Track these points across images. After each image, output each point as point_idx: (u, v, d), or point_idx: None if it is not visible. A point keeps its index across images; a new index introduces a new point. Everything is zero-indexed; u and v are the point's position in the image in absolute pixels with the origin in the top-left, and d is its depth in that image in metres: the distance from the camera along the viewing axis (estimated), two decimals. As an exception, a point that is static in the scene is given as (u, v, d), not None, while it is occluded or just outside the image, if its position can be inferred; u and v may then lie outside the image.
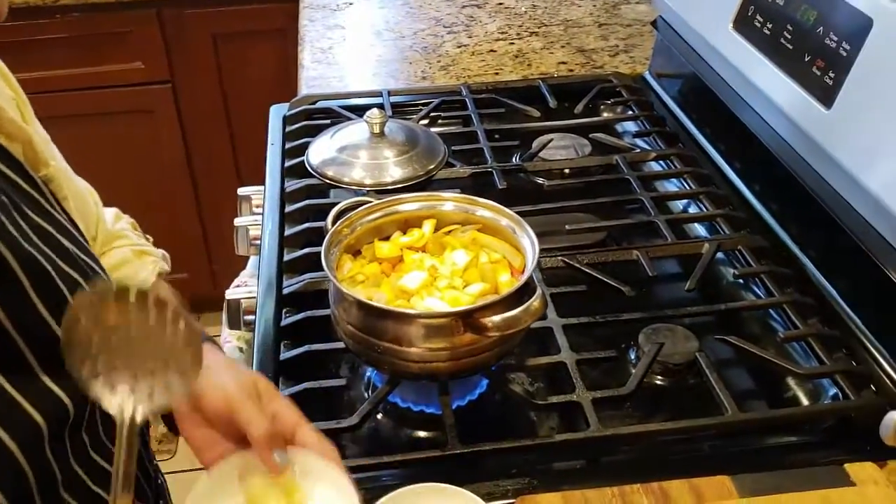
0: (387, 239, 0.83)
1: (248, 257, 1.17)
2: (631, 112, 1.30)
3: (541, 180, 1.15)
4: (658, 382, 0.85)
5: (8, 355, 0.58)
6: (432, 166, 1.09)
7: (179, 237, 2.26)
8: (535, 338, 0.86)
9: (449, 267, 0.78)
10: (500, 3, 1.76)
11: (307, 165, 1.11)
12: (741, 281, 0.97)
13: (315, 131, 1.18)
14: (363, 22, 1.70)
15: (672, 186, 1.15)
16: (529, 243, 0.77)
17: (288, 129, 1.24)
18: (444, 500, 0.65)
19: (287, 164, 1.15)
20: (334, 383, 0.81)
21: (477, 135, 1.22)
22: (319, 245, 0.78)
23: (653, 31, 1.41)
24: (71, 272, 0.64)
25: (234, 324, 1.02)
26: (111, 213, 0.86)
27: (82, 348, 0.54)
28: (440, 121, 1.30)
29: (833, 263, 0.92)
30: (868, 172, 0.81)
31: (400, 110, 1.30)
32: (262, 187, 1.16)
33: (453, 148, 1.17)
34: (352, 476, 0.61)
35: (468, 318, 0.70)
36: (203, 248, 2.32)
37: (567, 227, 1.01)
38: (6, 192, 0.61)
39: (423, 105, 1.30)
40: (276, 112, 1.31)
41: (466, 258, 0.79)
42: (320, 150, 1.11)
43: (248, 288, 1.04)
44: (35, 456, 0.58)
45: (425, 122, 1.27)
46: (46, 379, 0.60)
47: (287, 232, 1.02)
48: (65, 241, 0.65)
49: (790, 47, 0.95)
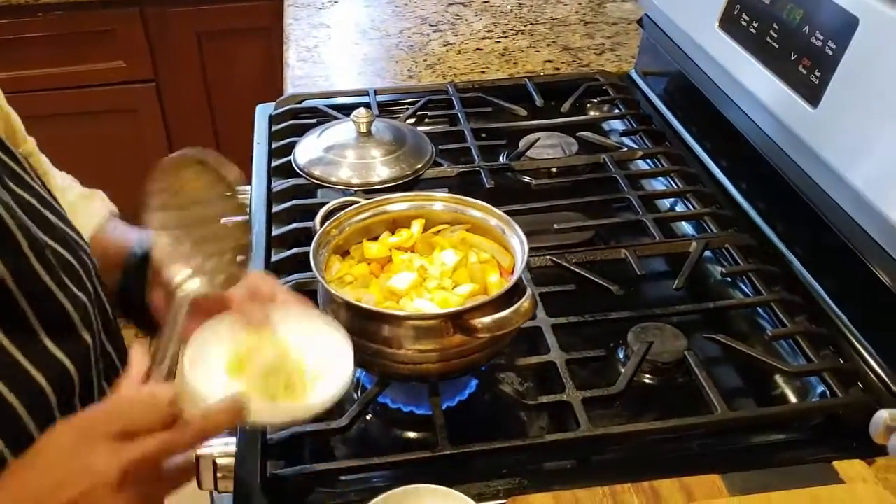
0: (375, 239, 0.82)
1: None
2: (617, 110, 1.30)
3: (528, 179, 1.14)
4: (647, 381, 0.85)
5: (11, 315, 0.58)
6: (420, 165, 1.09)
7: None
8: (525, 337, 0.86)
9: (438, 267, 0.78)
10: (486, 2, 1.76)
11: (294, 165, 1.10)
12: (728, 279, 0.97)
13: (301, 131, 1.18)
14: (348, 20, 1.69)
15: (659, 185, 1.15)
16: (518, 243, 0.77)
17: (274, 128, 1.24)
18: (435, 501, 0.65)
19: (273, 163, 1.15)
20: (323, 385, 0.81)
21: (464, 134, 1.21)
22: (307, 245, 0.78)
23: (638, 30, 1.41)
24: (54, 245, 0.64)
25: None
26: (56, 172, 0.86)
27: (160, 214, 0.58)
28: (427, 120, 1.30)
29: (819, 261, 0.92)
30: (854, 170, 0.81)
31: (386, 109, 1.30)
32: (248, 187, 1.15)
33: (440, 147, 1.16)
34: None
35: (458, 320, 0.70)
36: (188, 249, 2.31)
37: (555, 226, 1.01)
38: None
39: (410, 104, 1.30)
40: (262, 111, 1.30)
41: (455, 258, 0.79)
42: (307, 150, 1.11)
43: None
44: (43, 421, 0.57)
45: (412, 121, 1.27)
46: (49, 343, 0.59)
47: (274, 232, 1.02)
48: (48, 213, 0.66)
49: (776, 46, 0.95)
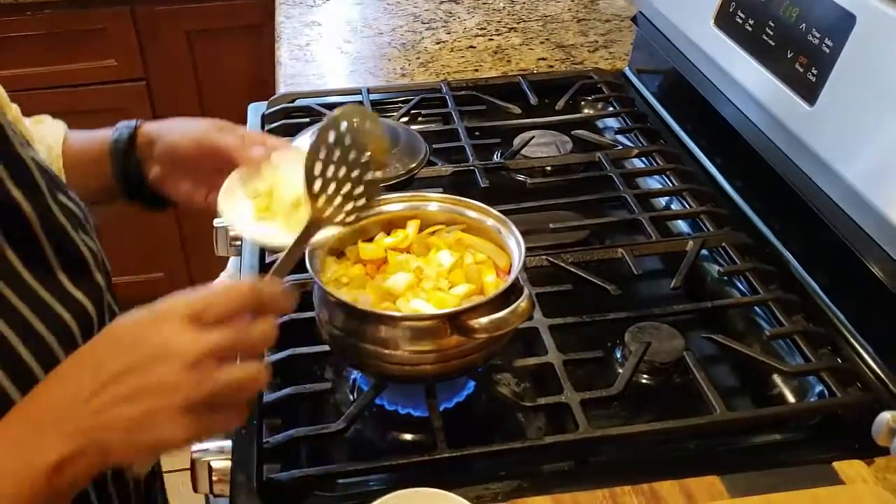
0: (370, 240, 0.82)
1: (227, 258, 1.15)
2: (612, 108, 1.29)
3: (523, 178, 1.14)
4: (644, 381, 0.84)
5: (35, 256, 0.61)
6: (414, 165, 1.08)
7: (156, 237, 2.23)
8: (521, 338, 0.85)
9: (434, 268, 0.77)
10: (479, -1, 1.75)
11: (287, 165, 1.09)
12: (725, 278, 0.97)
13: (294, 130, 1.17)
14: (340, 18, 1.68)
15: (655, 183, 1.14)
16: (515, 243, 0.76)
17: (267, 127, 1.23)
18: (434, 505, 0.64)
19: (266, 163, 1.14)
20: (319, 387, 0.80)
21: (458, 132, 1.20)
22: (302, 247, 0.77)
23: (632, 27, 1.40)
24: (59, 195, 0.65)
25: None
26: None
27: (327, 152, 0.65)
28: (420, 118, 1.29)
29: (816, 259, 0.92)
30: (851, 168, 0.81)
31: (379, 108, 1.29)
32: (240, 188, 1.14)
33: (434, 146, 1.15)
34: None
35: (455, 321, 0.69)
36: (180, 249, 2.30)
37: (551, 225, 1.01)
38: None
39: (403, 102, 1.29)
40: (255, 110, 1.29)
41: (451, 259, 0.78)
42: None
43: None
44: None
45: (405, 119, 1.26)
46: (68, 283, 0.62)
47: (268, 233, 1.01)
48: (46, 169, 0.67)
49: (772, 44, 0.94)
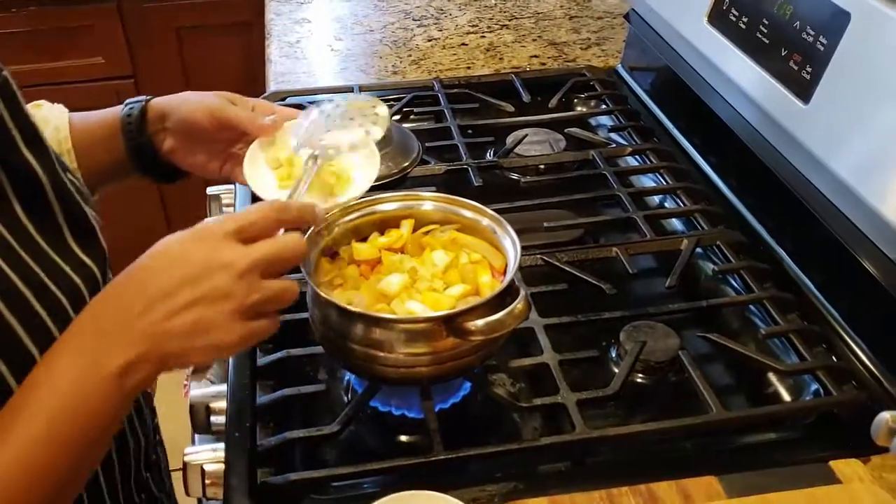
0: (364, 240, 0.81)
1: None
2: (605, 106, 1.29)
3: (516, 176, 1.13)
4: (640, 380, 0.84)
5: (47, 220, 0.62)
6: (407, 164, 1.07)
7: (145, 238, 2.20)
8: (516, 338, 0.85)
9: (429, 268, 0.77)
10: (470, -4, 1.74)
11: (279, 164, 1.08)
12: (719, 276, 0.97)
13: (286, 128, 1.16)
14: (331, 15, 1.67)
15: (649, 181, 1.14)
16: (511, 244, 0.76)
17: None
18: (430, 507, 0.64)
19: (258, 162, 1.13)
20: (313, 389, 0.79)
21: (450, 130, 1.20)
22: (295, 247, 0.76)
23: (624, 24, 1.40)
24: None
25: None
26: None
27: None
28: (412, 116, 1.28)
29: (810, 257, 0.91)
30: (845, 165, 0.81)
31: (371, 106, 1.28)
32: (232, 186, 1.13)
33: (427, 144, 1.15)
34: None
35: (451, 323, 0.68)
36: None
37: (545, 224, 1.00)
38: None
39: (395, 100, 1.28)
40: (245, 108, 1.28)
41: (446, 259, 0.77)
42: (292, 148, 1.09)
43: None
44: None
45: (397, 117, 1.25)
46: (77, 249, 0.64)
47: (260, 233, 1.00)
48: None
49: (766, 41, 0.94)
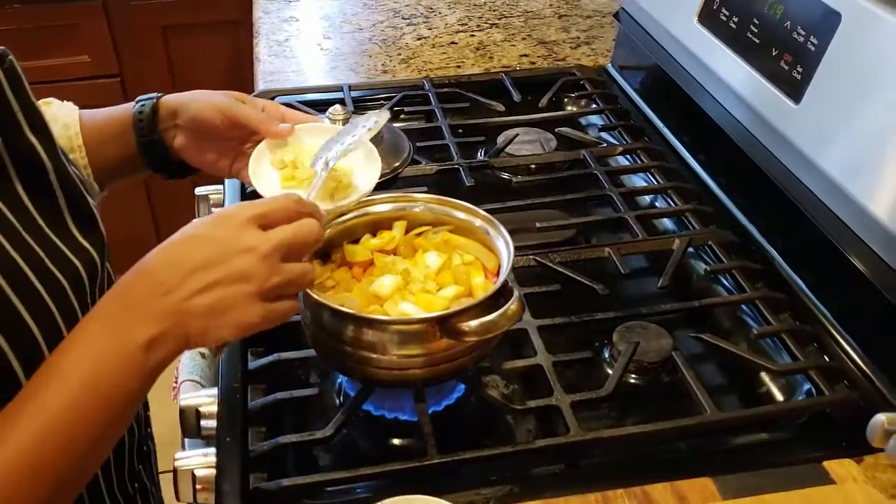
0: (356, 242, 0.80)
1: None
2: (595, 105, 1.29)
3: (507, 176, 1.13)
4: (633, 381, 0.84)
5: (50, 205, 0.63)
6: (398, 164, 1.07)
7: (132, 239, 2.18)
8: (509, 339, 0.85)
9: (422, 270, 0.76)
10: (459, -6, 1.74)
11: (268, 164, 1.07)
12: (711, 276, 0.97)
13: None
14: (319, 14, 1.66)
15: (640, 181, 1.14)
16: (504, 245, 0.75)
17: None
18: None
19: (247, 162, 1.12)
20: (305, 393, 0.78)
21: (441, 130, 1.19)
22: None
23: (613, 23, 1.40)
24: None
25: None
26: None
27: None
28: (402, 116, 1.27)
29: (801, 256, 0.92)
30: (835, 165, 0.81)
31: (361, 105, 1.27)
32: (220, 186, 1.12)
33: (417, 144, 1.14)
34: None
35: (445, 324, 0.68)
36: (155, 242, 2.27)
37: (537, 224, 1.00)
38: None
39: (385, 100, 1.27)
40: (234, 108, 1.27)
41: (439, 260, 0.77)
42: (282, 148, 1.08)
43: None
44: (81, 303, 0.63)
45: (387, 107, 1.24)
46: (78, 234, 0.65)
47: (250, 234, 0.99)
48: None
49: (757, 41, 0.94)
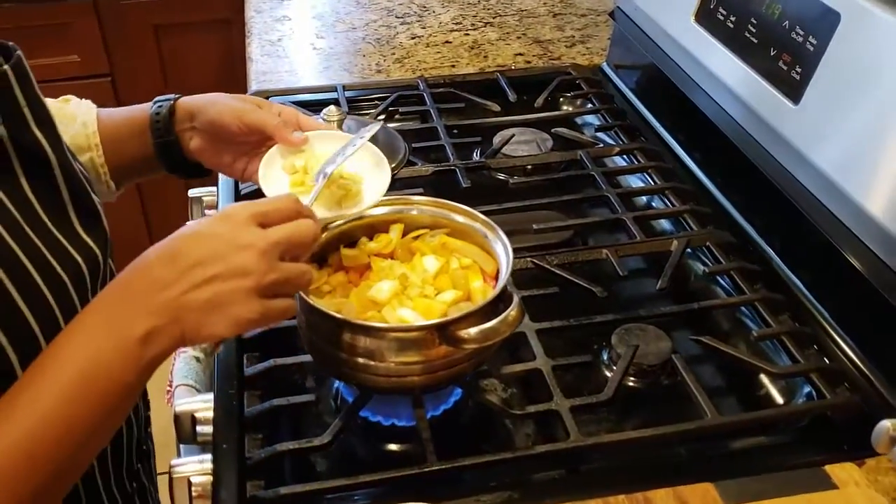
0: (353, 245, 0.79)
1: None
2: (591, 105, 1.28)
3: (504, 177, 1.12)
4: (632, 384, 0.83)
5: (54, 201, 0.63)
6: (393, 165, 1.05)
7: (123, 241, 2.17)
8: (508, 343, 0.83)
9: (419, 274, 0.75)
10: (453, -8, 1.73)
11: (263, 166, 1.06)
12: (710, 277, 0.96)
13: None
14: (311, 13, 1.65)
15: (636, 181, 1.14)
16: (503, 249, 0.75)
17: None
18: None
19: (241, 164, 1.10)
20: (302, 399, 0.78)
21: (437, 131, 1.18)
22: (282, 253, 0.74)
23: (608, 22, 1.39)
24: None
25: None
26: None
27: None
28: (397, 116, 1.26)
29: (799, 256, 0.91)
30: (834, 164, 0.80)
31: (355, 105, 1.26)
32: (213, 188, 1.11)
33: (413, 145, 1.13)
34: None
35: (444, 331, 0.67)
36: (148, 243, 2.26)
37: (535, 226, 0.99)
38: None
39: (380, 100, 1.26)
40: (227, 109, 1.26)
41: (437, 264, 0.76)
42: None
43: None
44: (82, 300, 0.62)
45: (382, 117, 1.23)
46: (81, 230, 0.65)
47: (244, 237, 0.98)
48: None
49: (755, 41, 0.94)
